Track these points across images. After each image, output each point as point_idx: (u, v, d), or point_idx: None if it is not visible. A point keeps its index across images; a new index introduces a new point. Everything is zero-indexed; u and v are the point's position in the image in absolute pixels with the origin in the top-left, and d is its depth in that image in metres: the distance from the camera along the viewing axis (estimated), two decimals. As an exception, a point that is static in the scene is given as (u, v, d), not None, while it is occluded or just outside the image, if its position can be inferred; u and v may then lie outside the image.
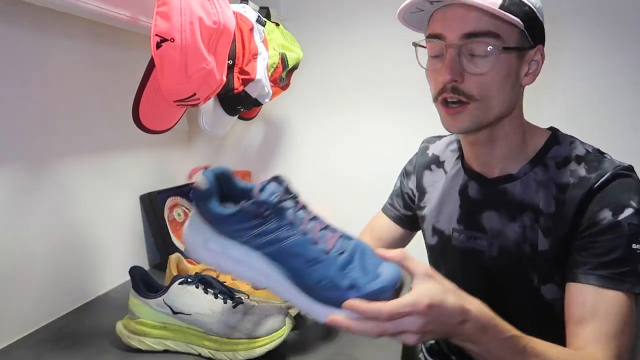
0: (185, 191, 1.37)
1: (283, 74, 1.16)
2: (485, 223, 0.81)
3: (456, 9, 0.69)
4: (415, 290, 0.52)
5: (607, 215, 0.68)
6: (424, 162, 0.96)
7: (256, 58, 1.04)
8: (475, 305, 0.56)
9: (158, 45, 0.76)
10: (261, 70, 1.05)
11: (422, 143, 1.01)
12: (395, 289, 0.53)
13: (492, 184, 0.81)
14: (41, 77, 0.90)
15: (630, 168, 0.72)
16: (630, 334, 0.68)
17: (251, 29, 1.04)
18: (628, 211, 0.68)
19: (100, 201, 1.07)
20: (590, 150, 0.76)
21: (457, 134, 0.85)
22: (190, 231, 0.60)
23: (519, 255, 0.76)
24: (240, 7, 1.06)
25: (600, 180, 0.70)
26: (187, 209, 1.36)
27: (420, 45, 0.77)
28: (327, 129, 1.49)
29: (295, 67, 1.21)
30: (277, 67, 1.13)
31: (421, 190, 0.95)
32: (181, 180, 1.38)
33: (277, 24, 1.21)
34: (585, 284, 0.68)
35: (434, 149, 0.96)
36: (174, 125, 0.92)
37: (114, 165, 1.12)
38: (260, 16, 1.10)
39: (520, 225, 0.77)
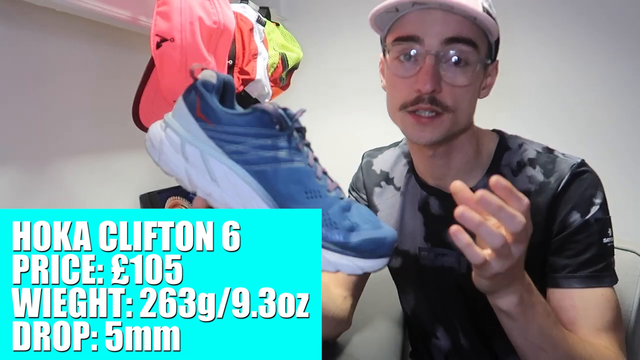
0: (185, 191, 1.37)
1: (283, 74, 1.16)
2: (451, 239, 0.76)
3: (436, 13, 0.66)
4: None
5: (576, 217, 0.70)
6: (372, 180, 0.89)
7: (256, 58, 1.04)
8: None
9: (158, 45, 0.76)
10: (261, 70, 1.05)
11: (364, 158, 0.94)
12: (393, 247, 0.50)
13: (453, 198, 0.76)
14: (41, 77, 0.89)
15: (583, 163, 0.73)
16: (623, 325, 0.69)
17: (251, 29, 1.04)
18: (594, 209, 0.69)
19: (100, 201, 1.07)
20: (540, 150, 0.75)
21: (423, 144, 0.74)
22: (170, 125, 0.52)
23: None
24: (240, 7, 1.06)
25: (562, 184, 0.70)
26: (187, 209, 1.36)
27: (384, 49, 0.73)
28: (327, 129, 1.49)
29: (295, 67, 1.21)
30: (277, 67, 1.13)
31: (373, 209, 0.88)
32: (181, 180, 1.39)
33: (277, 24, 1.21)
34: (568, 289, 0.68)
35: (380, 165, 0.90)
36: (174, 125, 0.92)
37: (114, 165, 1.12)
38: (260, 16, 1.10)
39: None
